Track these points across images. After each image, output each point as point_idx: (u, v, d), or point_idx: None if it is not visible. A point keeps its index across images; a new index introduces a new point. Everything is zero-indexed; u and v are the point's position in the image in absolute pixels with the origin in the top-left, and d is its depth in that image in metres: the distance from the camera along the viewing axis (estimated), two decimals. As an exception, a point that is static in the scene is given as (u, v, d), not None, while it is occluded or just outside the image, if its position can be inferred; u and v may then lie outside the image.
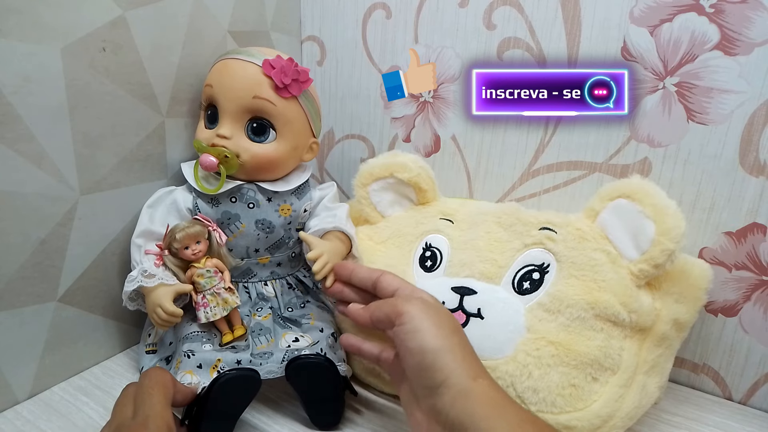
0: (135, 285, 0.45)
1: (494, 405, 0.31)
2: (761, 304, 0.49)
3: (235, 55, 0.49)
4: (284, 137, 0.49)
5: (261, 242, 0.51)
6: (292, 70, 0.48)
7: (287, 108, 0.49)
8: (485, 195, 0.61)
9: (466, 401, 0.31)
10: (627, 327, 0.42)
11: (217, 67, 0.50)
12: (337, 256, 0.48)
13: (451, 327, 0.36)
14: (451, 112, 0.61)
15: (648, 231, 0.42)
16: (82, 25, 0.44)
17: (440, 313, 0.37)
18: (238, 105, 0.48)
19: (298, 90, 0.49)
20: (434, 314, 0.36)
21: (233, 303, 0.46)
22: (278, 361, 0.44)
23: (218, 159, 0.47)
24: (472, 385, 0.32)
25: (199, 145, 0.49)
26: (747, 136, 0.46)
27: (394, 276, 0.42)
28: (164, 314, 0.43)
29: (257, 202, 0.50)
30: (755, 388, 0.51)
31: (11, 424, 0.43)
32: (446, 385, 0.32)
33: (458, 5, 0.57)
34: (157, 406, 0.33)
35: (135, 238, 0.48)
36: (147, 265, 0.45)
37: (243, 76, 0.48)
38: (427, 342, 0.34)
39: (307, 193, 0.53)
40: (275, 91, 0.48)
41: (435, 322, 0.35)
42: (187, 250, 0.45)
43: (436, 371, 0.33)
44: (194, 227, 0.46)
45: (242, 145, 0.48)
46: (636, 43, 0.49)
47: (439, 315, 0.37)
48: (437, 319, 0.36)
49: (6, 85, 0.40)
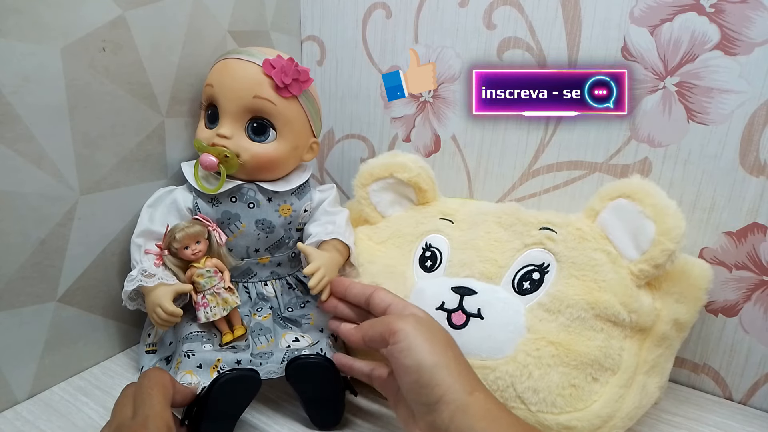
0: (135, 284, 0.45)
1: (492, 419, 0.32)
2: (761, 304, 0.49)
3: (236, 54, 0.49)
4: (284, 137, 0.49)
5: (261, 242, 0.51)
6: (292, 70, 0.48)
7: (287, 108, 0.49)
8: (485, 195, 0.61)
9: (464, 416, 0.32)
10: (627, 327, 0.42)
11: (218, 66, 0.49)
12: (335, 269, 0.48)
13: (444, 342, 0.36)
14: (451, 112, 0.61)
15: (648, 231, 0.41)
16: (82, 25, 0.44)
17: (433, 328, 0.37)
18: (238, 105, 0.48)
19: (298, 90, 0.49)
20: (427, 330, 0.36)
21: (233, 303, 0.46)
22: (278, 361, 0.44)
23: (218, 159, 0.47)
24: (469, 399, 0.32)
25: (199, 144, 0.49)
26: (747, 136, 0.46)
27: (386, 292, 0.43)
28: (164, 314, 0.43)
29: (257, 202, 0.50)
30: (755, 388, 0.51)
31: (11, 424, 0.43)
32: (444, 401, 0.33)
33: (458, 5, 0.57)
34: (157, 406, 0.33)
35: (135, 237, 0.48)
36: (147, 264, 0.45)
37: (243, 75, 0.48)
38: (422, 359, 0.34)
39: (307, 194, 0.53)
40: (276, 90, 0.48)
41: (429, 338, 0.36)
42: (186, 250, 0.45)
43: (433, 388, 0.33)
44: (194, 227, 0.46)
45: (242, 144, 0.48)
46: (636, 42, 0.49)
47: (432, 331, 0.37)
48: (431, 335, 0.36)
49: (6, 85, 0.40)
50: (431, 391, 0.33)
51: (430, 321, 0.39)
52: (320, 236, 0.49)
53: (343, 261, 0.50)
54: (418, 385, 0.34)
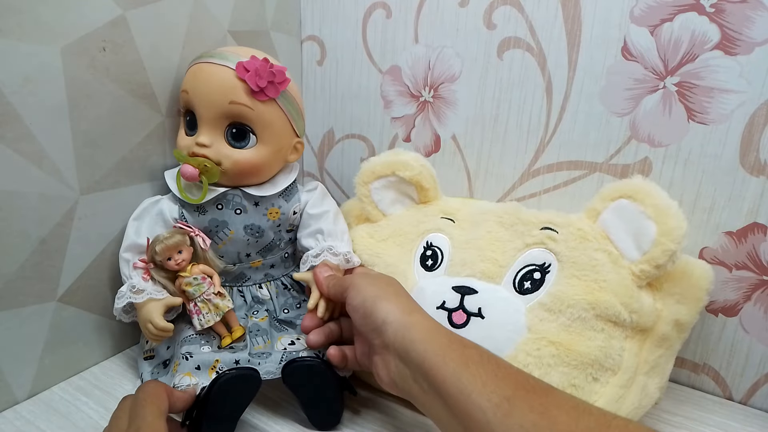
0: (124, 302, 0.45)
1: (427, 330, 0.37)
2: (762, 303, 0.49)
3: (208, 58, 0.46)
4: (265, 141, 0.48)
5: (252, 246, 0.50)
6: (267, 72, 0.45)
7: (266, 111, 0.47)
8: (485, 195, 0.61)
9: (405, 331, 0.37)
10: (628, 327, 0.42)
11: (192, 71, 0.47)
12: None
13: (385, 281, 0.43)
14: (451, 112, 0.61)
15: (649, 231, 0.41)
16: (82, 25, 0.44)
17: (378, 276, 0.46)
18: (215, 111, 0.46)
19: (275, 92, 0.46)
20: (371, 276, 0.45)
21: (224, 307, 0.46)
22: (276, 361, 0.44)
23: (199, 169, 0.45)
24: (408, 318, 0.38)
25: (179, 155, 0.47)
26: (747, 135, 0.46)
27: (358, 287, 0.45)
28: (155, 330, 0.44)
29: (244, 208, 0.49)
30: (755, 388, 0.51)
31: (11, 424, 0.43)
32: (387, 322, 0.38)
33: (458, 5, 0.57)
34: (149, 417, 0.34)
35: (122, 252, 0.47)
36: (135, 280, 0.45)
37: (218, 81, 0.45)
38: (366, 294, 0.41)
39: (294, 195, 0.52)
40: (251, 95, 0.45)
41: (371, 281, 0.43)
42: (170, 261, 0.45)
43: (376, 313, 0.39)
44: (173, 238, 0.45)
45: (223, 152, 0.46)
46: (636, 42, 0.49)
47: (376, 277, 0.45)
48: (372, 279, 0.44)
49: (6, 85, 0.40)
50: (376, 317, 0.39)
51: (377, 273, 0.48)
52: (310, 261, 0.49)
53: (341, 271, 0.50)
54: (365, 315, 0.40)
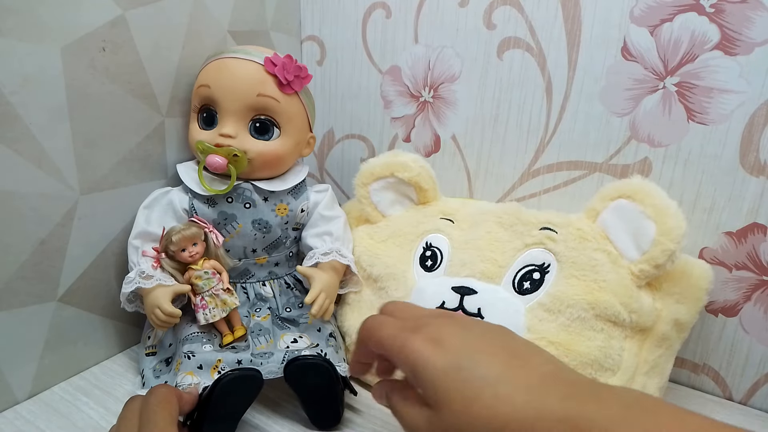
0: (133, 287, 0.45)
1: None
2: (761, 304, 0.49)
3: (232, 54, 0.49)
4: (288, 133, 0.50)
5: (258, 242, 0.50)
6: (293, 67, 0.48)
7: (290, 104, 0.49)
8: (485, 195, 0.61)
9: None
10: (627, 327, 0.42)
11: (213, 66, 0.49)
12: (334, 291, 0.49)
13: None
14: (451, 112, 0.61)
15: (649, 231, 0.41)
16: (81, 25, 0.44)
17: None
18: (240, 104, 0.47)
19: (300, 86, 0.49)
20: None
21: (232, 304, 0.46)
22: (278, 361, 0.44)
23: (227, 159, 0.47)
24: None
25: (203, 146, 0.48)
26: (747, 136, 0.46)
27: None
28: (163, 315, 0.43)
29: (254, 202, 0.50)
30: (755, 388, 0.51)
31: (11, 424, 0.43)
32: None
33: (458, 5, 0.57)
34: (161, 423, 0.34)
35: (132, 239, 0.47)
36: (144, 266, 0.45)
37: (245, 74, 0.47)
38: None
39: (303, 193, 0.53)
40: (279, 87, 0.48)
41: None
42: (184, 252, 0.45)
43: None
44: (190, 229, 0.45)
45: (247, 143, 0.48)
46: (636, 42, 0.49)
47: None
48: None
49: (6, 85, 0.40)
50: None
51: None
52: (317, 257, 0.49)
53: (341, 277, 0.51)
54: None
